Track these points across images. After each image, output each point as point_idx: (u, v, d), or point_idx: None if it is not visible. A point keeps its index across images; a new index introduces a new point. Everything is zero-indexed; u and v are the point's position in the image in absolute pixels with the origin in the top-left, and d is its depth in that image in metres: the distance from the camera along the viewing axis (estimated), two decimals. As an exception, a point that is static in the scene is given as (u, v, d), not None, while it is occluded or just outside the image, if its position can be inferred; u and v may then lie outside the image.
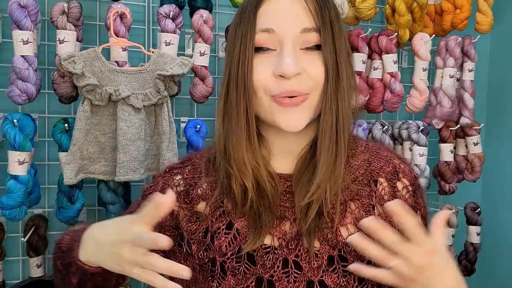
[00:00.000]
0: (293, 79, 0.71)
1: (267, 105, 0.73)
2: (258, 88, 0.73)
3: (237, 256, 0.76)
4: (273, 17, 0.72)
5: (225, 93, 0.76)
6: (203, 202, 0.81)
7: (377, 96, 1.75)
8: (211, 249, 0.78)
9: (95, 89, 1.34)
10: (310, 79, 0.72)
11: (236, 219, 0.77)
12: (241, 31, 0.73)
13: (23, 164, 1.33)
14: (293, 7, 0.73)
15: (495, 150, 2.10)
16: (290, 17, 0.72)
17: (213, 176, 0.82)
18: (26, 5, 1.30)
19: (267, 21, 0.72)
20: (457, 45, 1.82)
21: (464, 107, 1.86)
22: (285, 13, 0.72)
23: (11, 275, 1.56)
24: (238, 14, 0.77)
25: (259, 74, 0.72)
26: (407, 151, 1.82)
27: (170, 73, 1.36)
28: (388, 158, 0.83)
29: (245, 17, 0.73)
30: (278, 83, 0.71)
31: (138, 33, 1.61)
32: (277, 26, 0.72)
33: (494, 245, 2.11)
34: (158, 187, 0.85)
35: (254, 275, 0.75)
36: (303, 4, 0.73)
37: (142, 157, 1.40)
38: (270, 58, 0.73)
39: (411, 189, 0.82)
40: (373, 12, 1.67)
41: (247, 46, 0.72)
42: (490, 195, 2.18)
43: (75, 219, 1.44)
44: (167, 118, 1.41)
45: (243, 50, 0.72)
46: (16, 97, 1.31)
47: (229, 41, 0.78)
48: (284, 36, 0.71)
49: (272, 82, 0.72)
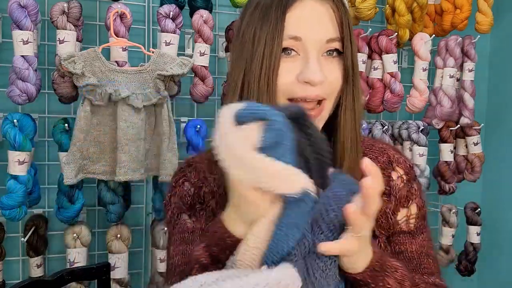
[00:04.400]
0: (317, 85, 0.73)
1: None
2: (279, 90, 0.73)
3: None
4: (302, 25, 0.72)
5: (240, 97, 0.74)
6: (213, 199, 0.82)
7: (377, 96, 1.75)
8: None
9: (95, 89, 1.34)
10: (329, 85, 0.74)
11: None
12: (266, 34, 0.72)
13: (23, 164, 1.33)
14: (320, 16, 0.73)
15: (495, 150, 2.10)
16: (317, 26, 0.73)
17: (217, 175, 0.82)
18: (26, 5, 1.30)
19: (296, 29, 0.72)
20: (457, 45, 1.82)
21: (464, 107, 1.86)
22: (313, 21, 0.73)
23: (11, 275, 1.56)
24: (254, 14, 0.74)
25: (284, 78, 0.73)
26: (407, 151, 1.82)
27: (170, 73, 1.36)
28: (382, 150, 0.85)
29: (271, 20, 0.72)
30: (302, 88, 0.73)
31: (138, 33, 1.60)
32: (304, 34, 0.72)
33: (494, 245, 2.11)
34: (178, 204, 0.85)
35: None
36: (329, 13, 0.74)
37: (142, 157, 1.40)
38: (295, 62, 0.73)
39: (405, 178, 0.83)
40: (373, 12, 1.67)
41: (274, 50, 0.71)
42: (490, 195, 2.18)
43: (75, 219, 1.44)
44: (167, 118, 1.41)
45: (269, 54, 0.71)
46: (16, 97, 1.31)
47: (243, 42, 0.75)
48: (311, 44, 0.73)
49: (296, 86, 0.73)
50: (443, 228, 1.94)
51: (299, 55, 0.73)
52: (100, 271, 1.27)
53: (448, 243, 1.94)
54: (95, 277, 1.27)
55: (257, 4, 0.75)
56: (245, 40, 0.74)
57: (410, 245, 0.81)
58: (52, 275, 1.20)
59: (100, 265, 1.28)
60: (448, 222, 1.93)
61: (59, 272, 1.20)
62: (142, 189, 1.69)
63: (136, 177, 1.39)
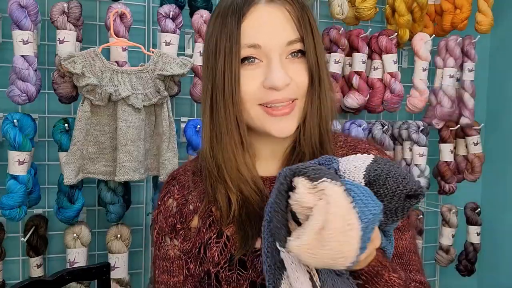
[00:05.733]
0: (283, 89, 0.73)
1: (256, 114, 0.74)
2: (246, 99, 0.73)
3: (230, 264, 0.77)
4: (259, 32, 0.72)
5: (210, 107, 0.76)
6: (196, 216, 0.82)
7: (377, 96, 1.75)
8: (205, 261, 0.79)
9: (95, 89, 1.34)
10: (296, 86, 0.74)
11: (225, 226, 0.78)
12: (224, 45, 0.72)
13: (23, 164, 1.33)
14: (276, 20, 0.73)
15: (495, 150, 2.10)
16: (275, 31, 0.72)
17: (200, 188, 0.83)
18: (26, 5, 1.30)
19: (253, 37, 0.72)
20: (457, 45, 1.82)
21: (464, 107, 1.86)
22: (270, 27, 0.72)
23: (11, 275, 1.56)
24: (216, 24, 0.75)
25: (247, 86, 0.73)
26: (407, 151, 1.82)
27: (170, 73, 1.36)
28: (365, 150, 0.85)
29: (227, 30, 0.72)
30: (268, 93, 0.73)
31: (138, 33, 1.61)
32: (263, 41, 0.72)
33: (494, 245, 2.11)
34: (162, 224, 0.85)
35: (247, 281, 0.76)
36: (286, 15, 0.73)
37: (142, 157, 1.40)
38: (257, 69, 0.73)
39: None
40: (373, 12, 1.67)
41: (233, 61, 0.71)
42: (490, 195, 2.18)
43: (75, 219, 1.44)
44: (167, 118, 1.41)
45: (229, 65, 0.71)
46: (16, 97, 1.31)
47: (208, 53, 0.76)
48: (271, 49, 0.72)
49: (261, 92, 0.73)
50: (443, 228, 1.94)
51: (262, 61, 0.73)
52: (100, 271, 1.27)
53: (448, 243, 1.94)
54: (95, 277, 1.28)
55: (218, 13, 0.75)
56: (210, 50, 0.75)
57: (400, 241, 0.82)
58: (52, 275, 1.20)
59: (100, 265, 1.28)
60: (448, 222, 1.93)
61: (59, 272, 1.20)
62: (142, 189, 1.70)
63: (136, 177, 1.39)
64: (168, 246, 0.84)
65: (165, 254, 0.84)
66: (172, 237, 0.83)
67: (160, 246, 0.86)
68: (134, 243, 1.60)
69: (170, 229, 0.83)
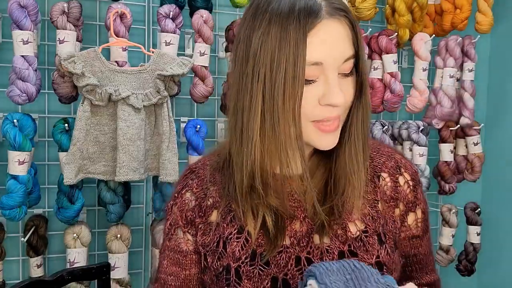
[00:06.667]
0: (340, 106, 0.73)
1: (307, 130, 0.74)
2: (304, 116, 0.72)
3: (251, 260, 0.77)
4: (323, 49, 0.69)
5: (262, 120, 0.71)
6: (215, 210, 0.82)
7: (377, 96, 1.75)
8: (224, 256, 0.79)
9: (95, 89, 1.34)
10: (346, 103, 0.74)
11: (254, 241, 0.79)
12: (286, 59, 0.67)
13: (23, 164, 1.33)
14: (339, 36, 0.70)
15: (495, 150, 2.10)
16: (337, 48, 0.70)
17: (220, 183, 0.83)
18: (26, 5, 1.30)
19: (317, 54, 0.69)
20: (457, 45, 1.82)
21: (464, 107, 1.86)
22: (333, 43, 0.70)
23: (11, 275, 1.56)
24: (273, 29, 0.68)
25: (308, 104, 0.71)
26: (407, 151, 1.82)
27: (170, 73, 1.36)
28: (389, 154, 0.85)
29: (290, 44, 0.67)
30: (323, 111, 0.72)
31: (138, 33, 1.61)
32: (325, 58, 0.69)
33: (494, 245, 2.11)
34: (176, 217, 0.85)
35: (269, 276, 0.76)
36: (346, 30, 0.71)
37: (142, 157, 1.40)
38: (315, 87, 0.71)
39: (411, 184, 0.84)
40: (373, 12, 1.67)
41: (298, 80, 0.68)
42: (490, 195, 2.18)
43: (75, 219, 1.44)
44: (167, 118, 1.41)
45: (292, 83, 0.68)
46: (16, 97, 1.31)
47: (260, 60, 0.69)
48: (331, 66, 0.70)
49: (318, 110, 0.72)
50: (443, 228, 1.94)
51: (318, 77, 0.71)
52: (100, 271, 1.27)
53: (448, 243, 1.94)
54: (95, 277, 1.28)
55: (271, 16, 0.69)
56: (261, 61, 0.69)
57: (421, 248, 0.85)
58: (52, 275, 1.20)
59: (100, 265, 1.28)
60: (448, 222, 1.93)
61: (59, 272, 1.20)
62: (142, 189, 1.70)
63: (136, 177, 1.39)
64: (180, 239, 0.84)
65: (177, 247, 0.85)
66: (186, 231, 0.84)
67: (171, 238, 0.86)
68: (134, 243, 1.60)
69: (185, 223, 0.84)
